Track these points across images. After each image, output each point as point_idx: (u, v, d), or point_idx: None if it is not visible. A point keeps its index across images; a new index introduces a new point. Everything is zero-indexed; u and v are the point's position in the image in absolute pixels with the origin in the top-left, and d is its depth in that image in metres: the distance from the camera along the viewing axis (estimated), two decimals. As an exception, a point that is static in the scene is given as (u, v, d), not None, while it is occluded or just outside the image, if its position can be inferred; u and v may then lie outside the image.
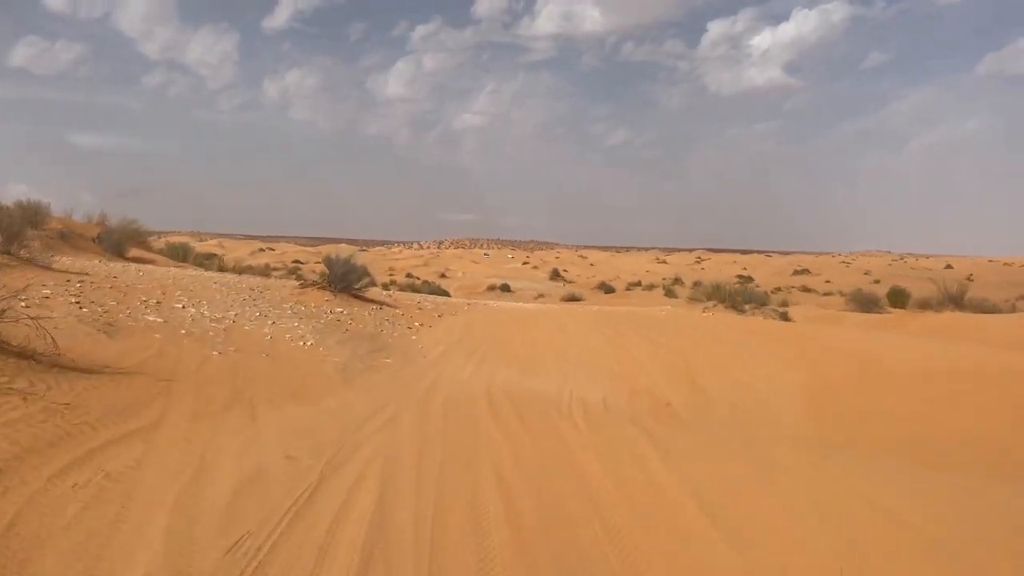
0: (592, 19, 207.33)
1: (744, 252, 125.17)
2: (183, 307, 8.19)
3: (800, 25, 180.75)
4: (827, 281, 69.61)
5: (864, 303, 25.01)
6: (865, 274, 78.43)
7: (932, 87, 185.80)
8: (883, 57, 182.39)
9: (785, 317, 15.09)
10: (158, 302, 8.19)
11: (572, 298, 40.40)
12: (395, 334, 8.84)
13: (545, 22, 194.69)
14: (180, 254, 18.59)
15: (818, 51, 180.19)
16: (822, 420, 5.55)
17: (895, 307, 28.86)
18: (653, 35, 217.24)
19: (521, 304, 16.06)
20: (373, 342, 7.96)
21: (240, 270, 23.37)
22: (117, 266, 11.33)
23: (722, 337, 8.77)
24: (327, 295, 10.72)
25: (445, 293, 34.74)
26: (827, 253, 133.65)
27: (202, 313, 8.00)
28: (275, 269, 58.46)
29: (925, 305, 19.21)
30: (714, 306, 16.73)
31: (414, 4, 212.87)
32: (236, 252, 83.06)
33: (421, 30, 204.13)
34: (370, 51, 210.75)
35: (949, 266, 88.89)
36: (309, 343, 7.32)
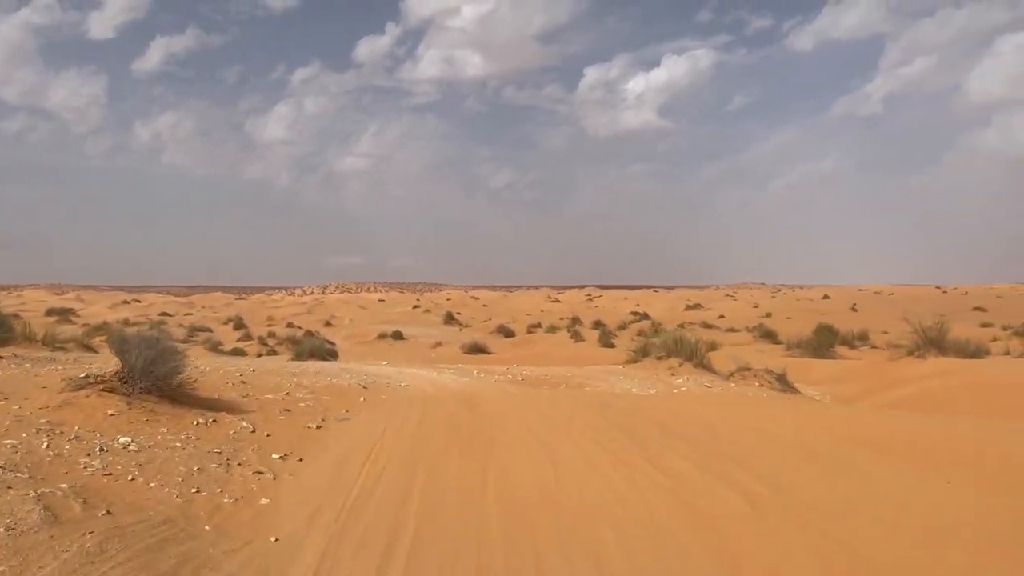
0: (474, 64, 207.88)
1: (631, 287, 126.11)
2: None
3: (671, 71, 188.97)
4: (721, 316, 69.30)
5: (814, 348, 22.68)
6: (754, 307, 79.30)
7: (791, 128, 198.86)
8: (746, 100, 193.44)
9: (784, 381, 11.69)
10: None
11: (476, 347, 36.32)
12: (225, 498, 4.41)
13: (428, 66, 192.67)
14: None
15: (688, 95, 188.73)
16: None
17: (826, 346, 26.74)
18: (533, 80, 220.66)
19: (439, 376, 11.79)
20: (156, 556, 3.49)
21: (53, 342, 17.52)
22: None
23: (834, 461, 4.96)
24: (115, 403, 6.07)
25: (332, 349, 29.60)
26: (708, 286, 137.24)
27: None
28: (134, 324, 50.92)
29: (899, 348, 16.57)
30: (680, 365, 13.17)
31: (292, 48, 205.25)
32: (95, 306, 73.34)
33: (301, 73, 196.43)
34: (248, 94, 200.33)
35: (827, 296, 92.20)
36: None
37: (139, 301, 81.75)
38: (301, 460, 5.35)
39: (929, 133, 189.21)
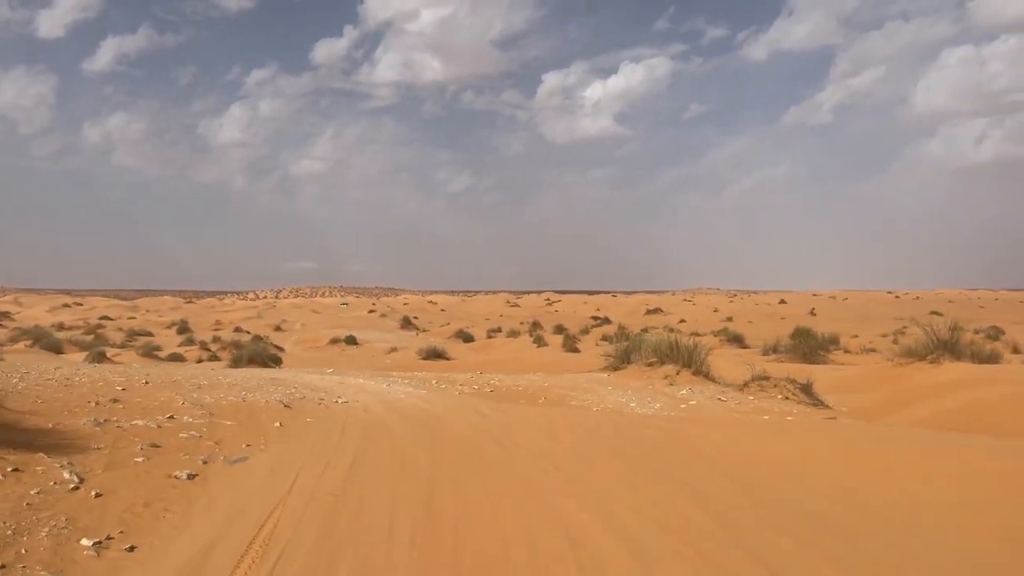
0: (432, 68, 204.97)
1: (590, 293, 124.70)
2: None
3: (628, 78, 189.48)
4: (682, 320, 68.11)
5: (804, 353, 21.09)
6: (714, 311, 78.53)
7: (745, 136, 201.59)
8: (702, 109, 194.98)
9: (810, 393, 9.72)
10: None
11: (434, 352, 33.93)
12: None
13: (386, 70, 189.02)
14: None
15: (645, 102, 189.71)
16: None
17: (810, 348, 25.21)
18: (492, 85, 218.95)
19: (389, 388, 9.49)
20: None
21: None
22: None
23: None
24: None
25: (275, 355, 26.84)
26: (665, 291, 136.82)
27: None
28: (72, 328, 47.03)
29: (911, 353, 14.83)
30: (678, 373, 11.12)
31: (248, 49, 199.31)
32: (33, 309, 68.86)
33: (256, 75, 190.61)
34: (202, 95, 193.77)
35: (783, 301, 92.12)
36: None
37: (80, 304, 77.46)
38: (132, 550, 3.04)
39: (877, 142, 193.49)
